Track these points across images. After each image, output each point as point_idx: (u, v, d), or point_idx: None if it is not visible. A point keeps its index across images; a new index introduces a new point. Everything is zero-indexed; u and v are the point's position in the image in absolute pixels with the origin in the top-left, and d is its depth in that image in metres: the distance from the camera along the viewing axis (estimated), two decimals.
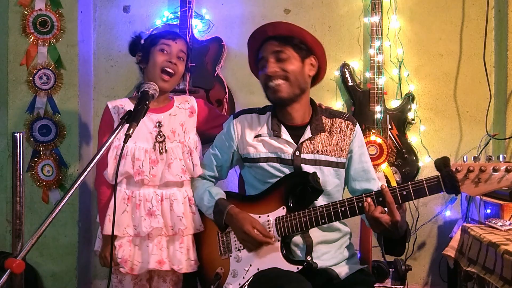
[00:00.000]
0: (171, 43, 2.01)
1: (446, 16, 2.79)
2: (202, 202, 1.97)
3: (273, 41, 1.86)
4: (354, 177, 1.93)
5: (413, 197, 1.63)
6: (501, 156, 1.58)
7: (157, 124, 2.02)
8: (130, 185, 1.99)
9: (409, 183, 1.64)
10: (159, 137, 2.01)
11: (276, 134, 1.89)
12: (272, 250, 1.80)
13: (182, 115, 2.08)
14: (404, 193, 1.63)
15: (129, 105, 2.04)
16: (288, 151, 1.87)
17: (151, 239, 1.96)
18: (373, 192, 1.68)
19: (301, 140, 1.88)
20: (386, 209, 1.64)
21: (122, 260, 1.95)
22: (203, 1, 2.81)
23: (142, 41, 2.07)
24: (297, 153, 1.86)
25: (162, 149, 2.00)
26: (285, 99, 1.86)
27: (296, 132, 1.89)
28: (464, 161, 1.60)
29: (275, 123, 1.91)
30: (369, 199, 1.66)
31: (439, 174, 1.61)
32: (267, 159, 1.89)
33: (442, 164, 1.60)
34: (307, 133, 1.88)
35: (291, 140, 1.88)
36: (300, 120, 1.92)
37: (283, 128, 1.90)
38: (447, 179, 1.59)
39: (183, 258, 1.97)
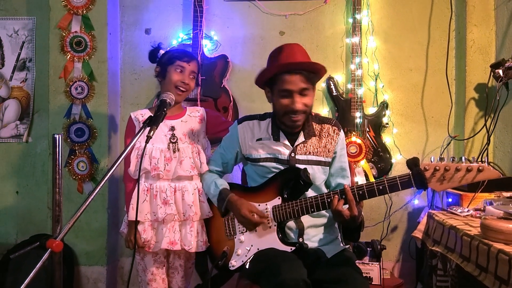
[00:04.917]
0: (185, 65, 1.99)
1: (415, 37, 2.78)
2: (209, 190, 1.97)
3: (300, 76, 1.73)
4: (331, 173, 1.92)
5: (388, 191, 1.61)
6: (463, 158, 1.54)
7: (171, 128, 2.02)
8: (148, 179, 1.99)
9: (385, 179, 1.62)
10: (173, 138, 2.00)
11: (276, 138, 1.88)
12: (270, 233, 1.80)
13: (192, 122, 2.07)
14: (381, 187, 1.62)
15: (148, 114, 2.03)
16: (285, 152, 1.86)
17: (165, 224, 1.96)
18: (338, 190, 1.68)
19: (296, 143, 1.86)
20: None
21: (145, 241, 1.95)
22: (212, 25, 2.80)
23: (160, 54, 2.04)
24: (293, 154, 1.85)
25: (175, 148, 1.99)
26: (299, 126, 1.84)
27: (291, 137, 1.88)
28: (431, 161, 1.57)
29: (275, 128, 1.90)
30: (336, 197, 1.66)
31: (410, 172, 1.58)
32: (266, 159, 1.88)
33: (412, 163, 1.58)
34: (301, 138, 1.87)
35: (288, 143, 1.87)
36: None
37: (281, 133, 1.88)
38: (417, 177, 1.57)
39: (193, 240, 1.97)
